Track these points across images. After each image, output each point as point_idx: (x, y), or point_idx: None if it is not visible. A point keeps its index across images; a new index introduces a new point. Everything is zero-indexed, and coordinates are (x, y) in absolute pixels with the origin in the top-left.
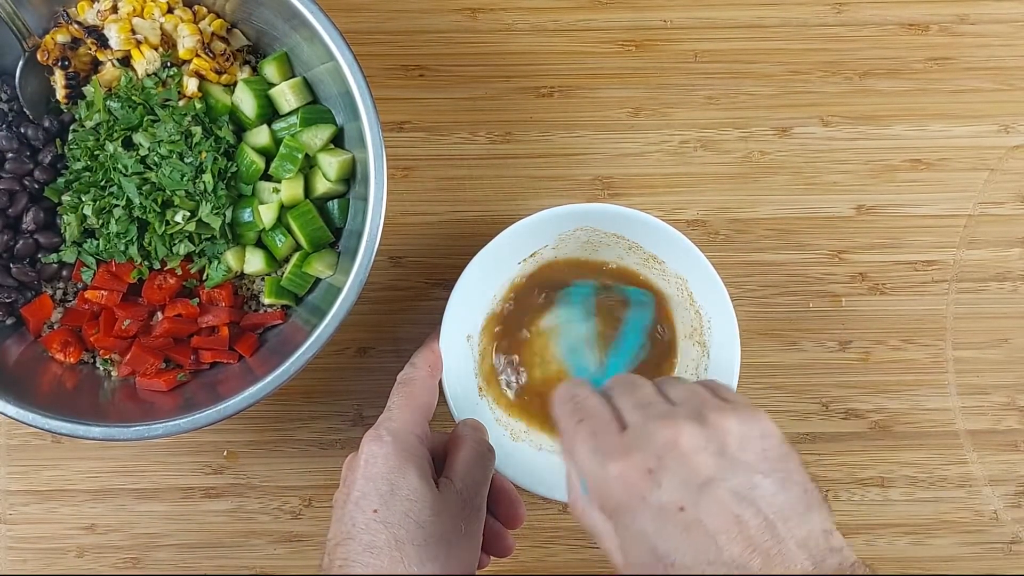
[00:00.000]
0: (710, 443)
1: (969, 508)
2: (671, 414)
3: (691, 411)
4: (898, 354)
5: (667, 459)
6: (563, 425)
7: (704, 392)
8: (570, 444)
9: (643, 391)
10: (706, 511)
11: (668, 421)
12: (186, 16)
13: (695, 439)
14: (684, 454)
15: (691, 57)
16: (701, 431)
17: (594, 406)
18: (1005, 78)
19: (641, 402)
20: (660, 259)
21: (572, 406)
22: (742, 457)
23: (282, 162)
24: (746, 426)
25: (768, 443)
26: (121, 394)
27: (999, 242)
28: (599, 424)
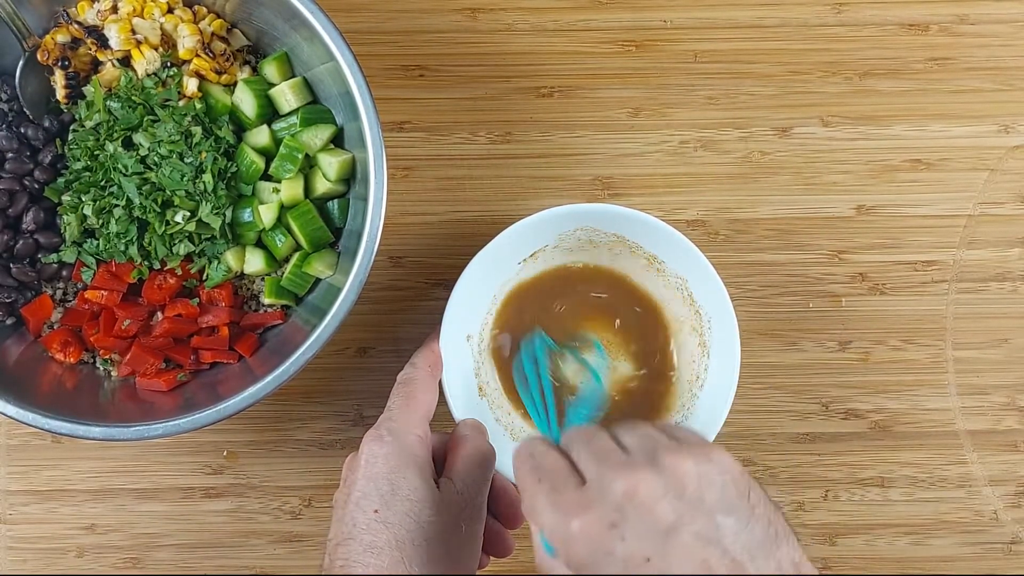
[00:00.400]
0: (668, 489)
1: (969, 508)
2: (628, 464)
3: (646, 457)
4: (898, 354)
5: (628, 510)
6: (523, 485)
7: (657, 435)
8: (531, 503)
9: (599, 441)
10: (673, 559)
11: (625, 471)
12: (186, 16)
13: (653, 487)
14: (644, 504)
15: (691, 57)
16: (658, 478)
17: (552, 462)
18: (1005, 78)
19: (598, 453)
20: (660, 259)
21: (531, 464)
22: (702, 498)
23: (282, 162)
24: (703, 466)
25: (727, 479)
26: (121, 394)
27: (999, 242)
28: (558, 480)
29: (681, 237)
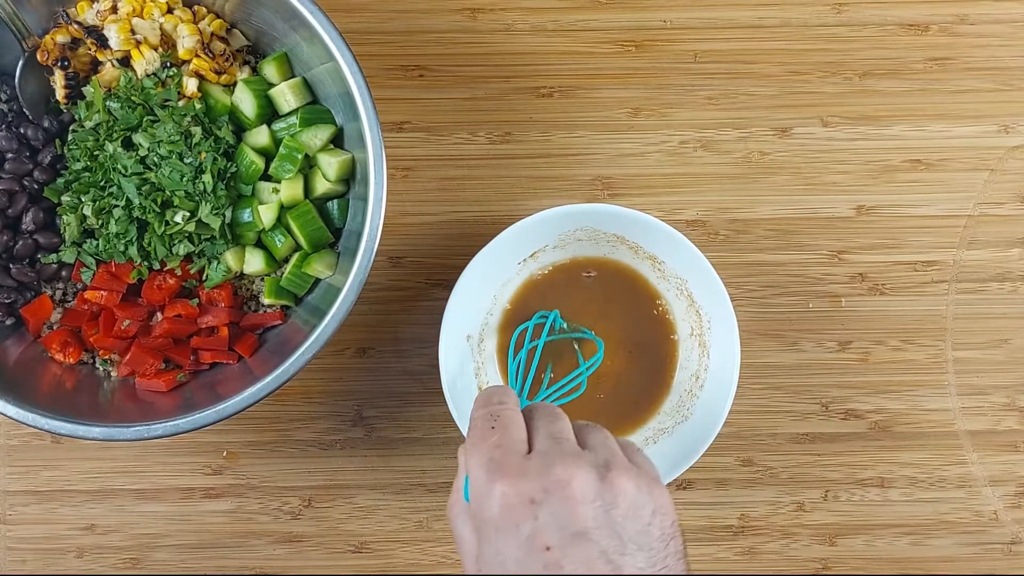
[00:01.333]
0: (600, 498)
1: (969, 508)
2: (577, 456)
3: (597, 461)
4: (898, 354)
5: (554, 496)
6: (474, 425)
7: (616, 449)
8: (472, 445)
9: (561, 424)
10: (570, 560)
11: (570, 460)
12: (186, 16)
13: (587, 488)
14: (571, 498)
15: (691, 57)
16: (597, 484)
17: (509, 419)
18: (1005, 78)
19: (556, 434)
20: (660, 259)
21: (489, 411)
22: (625, 524)
23: (282, 162)
24: (643, 496)
25: (657, 520)
26: (121, 394)
27: (999, 242)
28: (507, 439)
29: (681, 237)
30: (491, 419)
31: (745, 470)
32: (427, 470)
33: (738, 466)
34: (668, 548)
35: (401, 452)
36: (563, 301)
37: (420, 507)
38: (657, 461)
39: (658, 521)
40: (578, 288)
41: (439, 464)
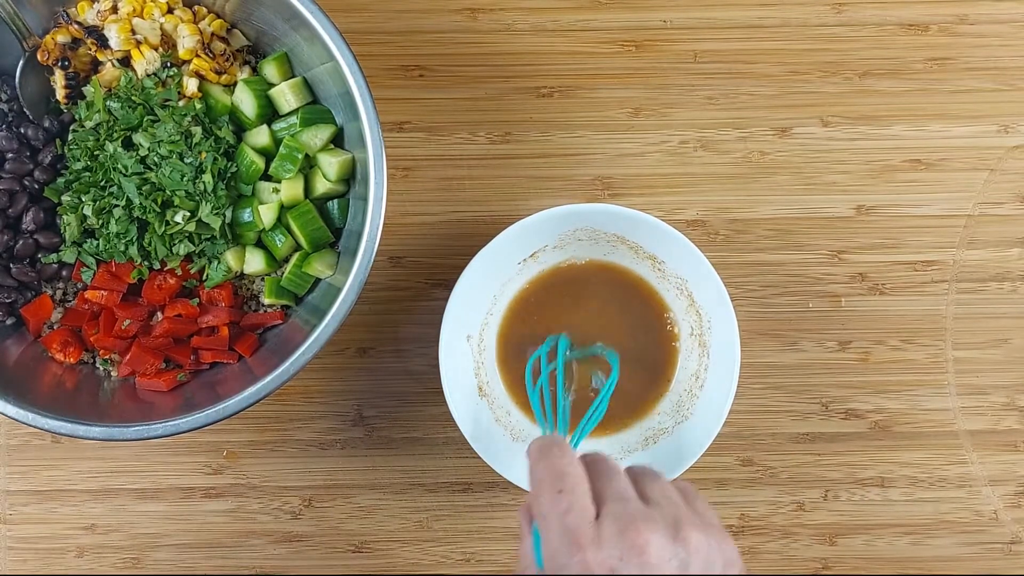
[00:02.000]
0: (676, 557)
1: (969, 508)
2: (647, 518)
3: (667, 518)
4: (898, 354)
5: (631, 563)
6: (540, 488)
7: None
8: (544, 511)
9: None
10: None
11: (642, 525)
12: (186, 16)
13: (663, 550)
14: (647, 562)
15: (691, 57)
16: (671, 545)
17: (576, 478)
18: (1005, 78)
19: (620, 494)
20: (660, 259)
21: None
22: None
23: (282, 162)
24: (714, 551)
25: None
26: (121, 394)
27: (999, 242)
28: (576, 503)
29: (681, 237)
30: (558, 481)
31: (745, 470)
32: (427, 470)
33: (738, 466)
34: None
35: (401, 452)
36: (563, 300)
37: (420, 507)
38: (657, 461)
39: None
40: (578, 288)
41: (439, 464)
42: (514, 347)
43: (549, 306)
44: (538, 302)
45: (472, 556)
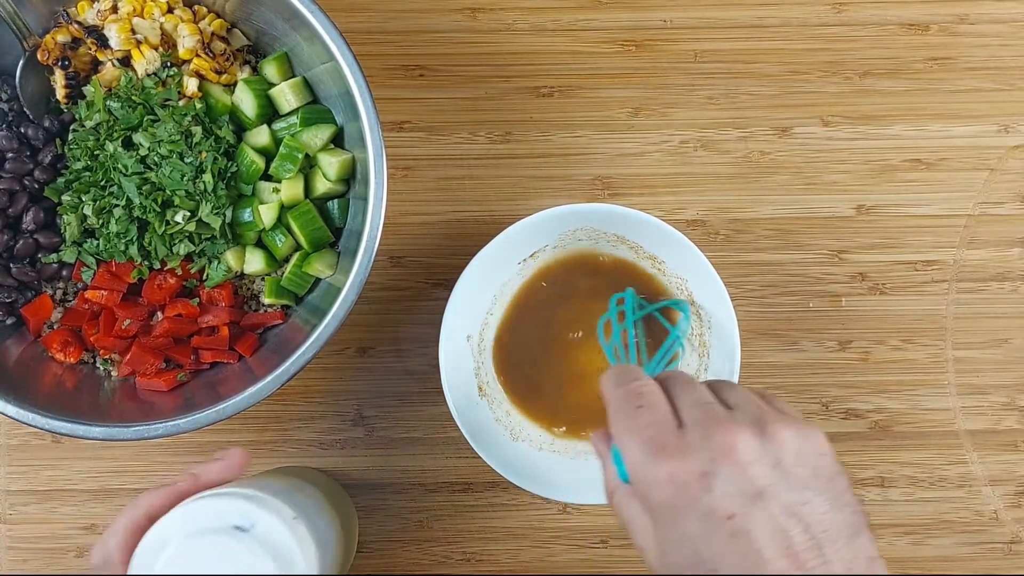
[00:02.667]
0: (766, 454)
1: (969, 508)
2: (731, 419)
3: (750, 418)
4: (898, 354)
5: (722, 464)
6: (617, 407)
7: (761, 401)
8: (621, 429)
9: (699, 390)
10: (756, 522)
11: (728, 425)
12: (186, 16)
13: (752, 448)
14: (740, 462)
15: (691, 57)
16: (759, 441)
17: (653, 395)
18: (1005, 78)
19: (699, 401)
20: (660, 259)
21: (629, 390)
22: (796, 472)
23: (282, 162)
24: (803, 441)
25: (822, 461)
26: (121, 394)
27: (999, 242)
28: (657, 416)
29: (681, 237)
30: (634, 399)
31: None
32: (427, 470)
33: None
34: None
35: (401, 452)
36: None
37: (420, 507)
38: None
39: (823, 462)
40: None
41: (439, 464)
42: (514, 347)
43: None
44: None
45: (472, 556)
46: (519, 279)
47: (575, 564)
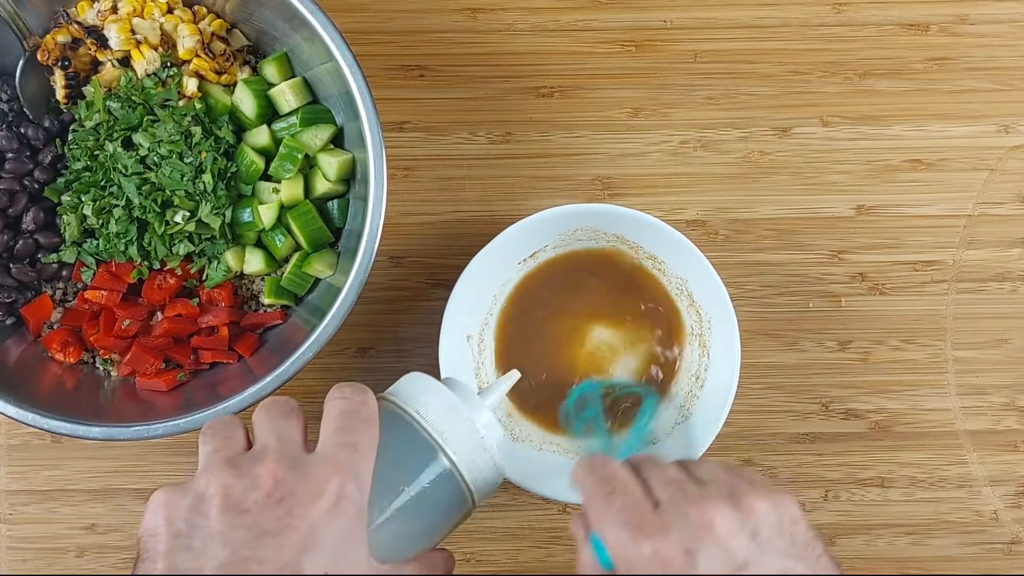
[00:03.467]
0: (744, 527)
1: (969, 508)
2: (705, 495)
3: (724, 493)
4: (898, 354)
5: (703, 541)
6: (591, 495)
7: (730, 474)
8: (600, 515)
9: (669, 470)
10: None
11: (704, 502)
12: (186, 16)
13: (730, 522)
14: (720, 537)
15: (691, 57)
16: (735, 514)
17: (624, 479)
18: (1005, 78)
19: (671, 480)
20: (660, 259)
21: (600, 476)
22: (775, 543)
23: (282, 162)
24: (777, 511)
25: (797, 528)
26: (121, 394)
27: (999, 242)
28: (632, 498)
29: (681, 237)
30: (607, 485)
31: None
32: None
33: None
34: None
35: None
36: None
37: None
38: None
39: (797, 528)
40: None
41: None
42: (514, 347)
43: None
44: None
45: (472, 556)
46: (519, 279)
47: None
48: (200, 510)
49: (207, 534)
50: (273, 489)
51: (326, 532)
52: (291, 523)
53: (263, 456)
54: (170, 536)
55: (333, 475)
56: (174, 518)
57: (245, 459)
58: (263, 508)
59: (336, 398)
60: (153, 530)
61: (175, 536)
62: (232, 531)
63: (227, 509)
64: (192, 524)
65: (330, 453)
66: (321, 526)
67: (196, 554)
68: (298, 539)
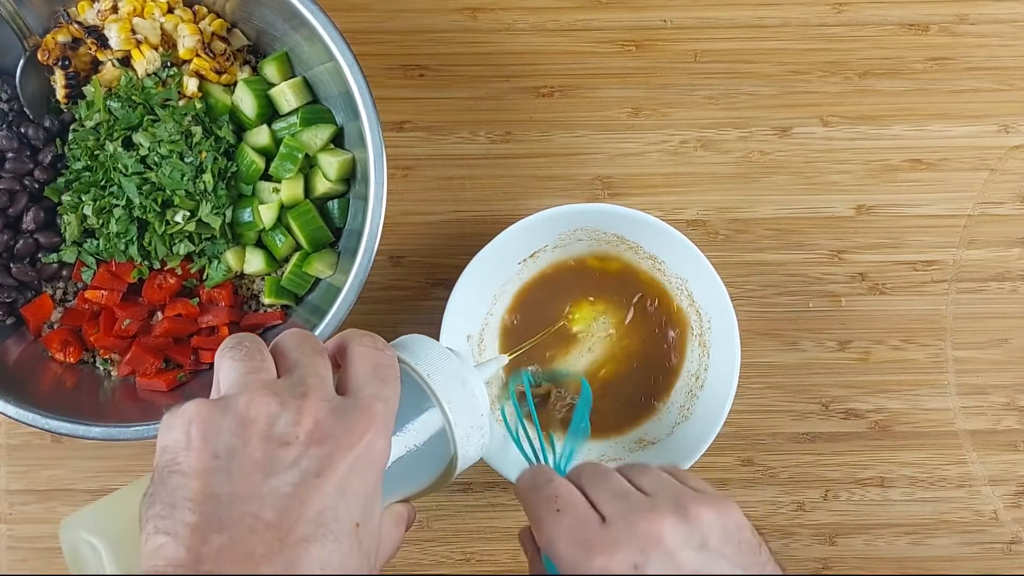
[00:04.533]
0: (692, 537)
1: (969, 508)
2: (652, 507)
3: (670, 502)
4: (898, 354)
5: (652, 554)
6: (537, 513)
7: (674, 482)
8: (548, 534)
9: (614, 481)
10: None
11: (651, 515)
12: (186, 16)
13: (678, 534)
14: (669, 549)
15: (691, 57)
16: (683, 525)
17: (569, 495)
18: (1005, 78)
19: (616, 493)
20: (660, 259)
21: (545, 493)
22: (722, 550)
23: (282, 162)
24: (723, 519)
25: (743, 535)
26: (121, 394)
27: (999, 242)
28: (579, 515)
29: (681, 237)
30: (550, 503)
31: (745, 470)
32: None
33: (738, 466)
34: (762, 556)
35: None
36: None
37: (420, 507)
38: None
39: (743, 535)
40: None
41: None
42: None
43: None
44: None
45: (472, 556)
46: (519, 279)
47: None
48: (240, 434)
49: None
50: (314, 428)
51: (355, 482)
52: (331, 465)
53: (305, 392)
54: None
55: (369, 426)
56: (211, 437)
57: (284, 389)
58: (306, 445)
59: (368, 347)
60: (185, 443)
61: (213, 456)
62: (272, 463)
63: (269, 439)
64: (231, 448)
65: (367, 404)
66: (352, 476)
67: (233, 480)
68: (336, 483)
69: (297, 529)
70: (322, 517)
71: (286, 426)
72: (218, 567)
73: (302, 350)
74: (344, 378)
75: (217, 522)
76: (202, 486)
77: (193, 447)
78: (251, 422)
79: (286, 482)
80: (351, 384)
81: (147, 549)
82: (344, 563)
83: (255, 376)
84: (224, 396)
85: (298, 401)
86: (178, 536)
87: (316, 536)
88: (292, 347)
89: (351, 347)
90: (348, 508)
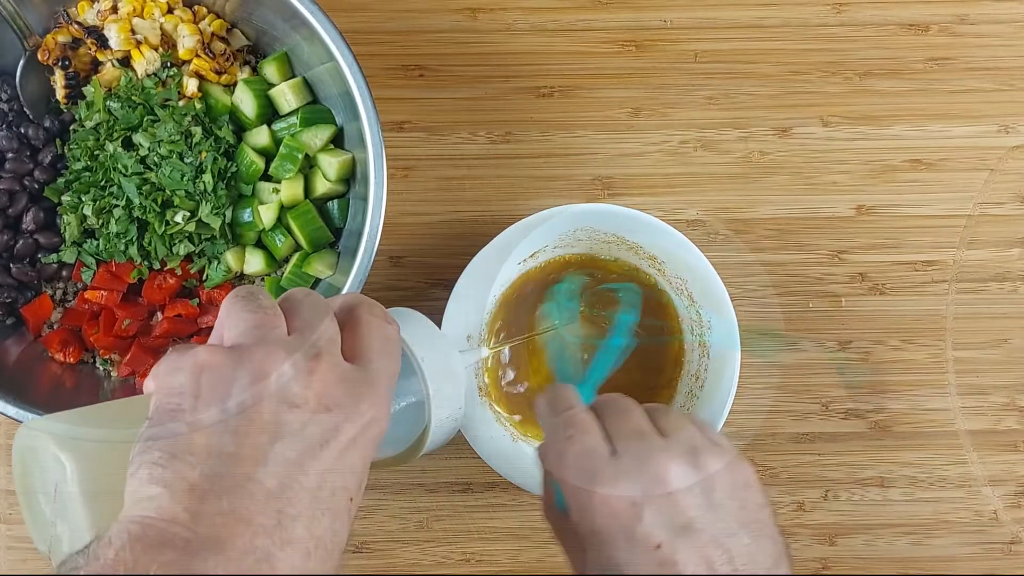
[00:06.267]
0: (696, 485)
1: (969, 508)
2: (665, 448)
3: (684, 448)
4: (898, 354)
5: (654, 495)
6: (550, 436)
7: (694, 429)
8: (557, 456)
9: (635, 418)
10: (682, 553)
11: (661, 455)
12: (186, 16)
13: (684, 479)
14: (671, 492)
15: (691, 57)
16: (691, 471)
17: (585, 422)
18: (1005, 78)
19: (633, 429)
20: (660, 260)
21: (562, 419)
22: (725, 504)
23: (282, 162)
24: (733, 473)
25: (749, 493)
26: (121, 394)
27: (999, 242)
28: (590, 443)
29: (681, 237)
30: (565, 427)
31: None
32: (427, 470)
33: None
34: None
35: None
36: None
37: (420, 507)
38: None
39: (750, 493)
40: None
41: (439, 464)
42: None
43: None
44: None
45: (472, 556)
46: (519, 279)
47: None
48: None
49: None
50: (323, 394)
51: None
52: (336, 437)
53: (319, 354)
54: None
55: (376, 401)
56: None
57: (297, 348)
58: (314, 411)
59: (379, 318)
60: (194, 390)
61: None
62: (279, 426)
63: (279, 399)
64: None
65: (374, 378)
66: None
67: (239, 439)
68: (338, 456)
69: (296, 500)
70: (321, 491)
71: (297, 387)
72: (214, 530)
73: (315, 310)
74: (352, 346)
75: (218, 482)
76: (206, 442)
77: (202, 396)
78: (263, 378)
79: (291, 448)
80: (361, 354)
81: (137, 494)
82: (337, 539)
83: (269, 331)
84: (237, 346)
85: (310, 363)
86: (175, 491)
87: (314, 510)
88: (304, 306)
89: (362, 315)
90: (346, 483)
